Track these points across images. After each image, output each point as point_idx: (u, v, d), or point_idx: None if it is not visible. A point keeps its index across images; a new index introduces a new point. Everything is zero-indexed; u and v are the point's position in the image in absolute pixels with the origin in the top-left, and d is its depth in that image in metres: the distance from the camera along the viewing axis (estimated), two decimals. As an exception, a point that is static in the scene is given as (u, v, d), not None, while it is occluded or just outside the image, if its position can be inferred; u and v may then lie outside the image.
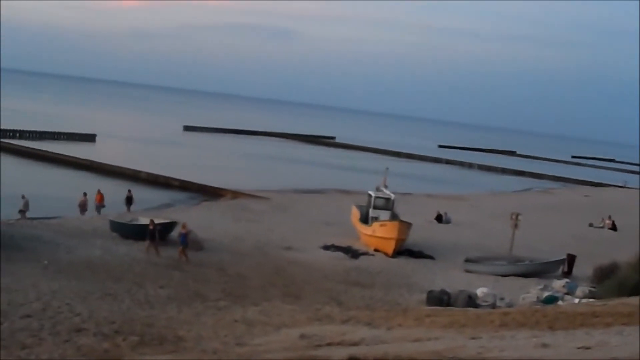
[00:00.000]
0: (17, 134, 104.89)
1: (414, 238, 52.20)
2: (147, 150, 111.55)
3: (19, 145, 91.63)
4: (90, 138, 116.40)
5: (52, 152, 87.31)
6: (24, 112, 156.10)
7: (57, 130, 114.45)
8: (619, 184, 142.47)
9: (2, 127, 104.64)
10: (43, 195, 58.15)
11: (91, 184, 64.95)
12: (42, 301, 29.12)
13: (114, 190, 58.68)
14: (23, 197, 50.25)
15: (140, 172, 78.82)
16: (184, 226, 41.59)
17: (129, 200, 56.35)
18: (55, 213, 51.83)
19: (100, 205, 54.41)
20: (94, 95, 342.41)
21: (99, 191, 55.27)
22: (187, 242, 40.94)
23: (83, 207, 53.04)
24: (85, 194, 53.78)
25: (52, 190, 59.71)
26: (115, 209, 54.77)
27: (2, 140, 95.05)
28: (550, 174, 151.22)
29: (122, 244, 42.01)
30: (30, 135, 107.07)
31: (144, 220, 45.35)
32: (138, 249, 40.84)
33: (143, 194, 67.46)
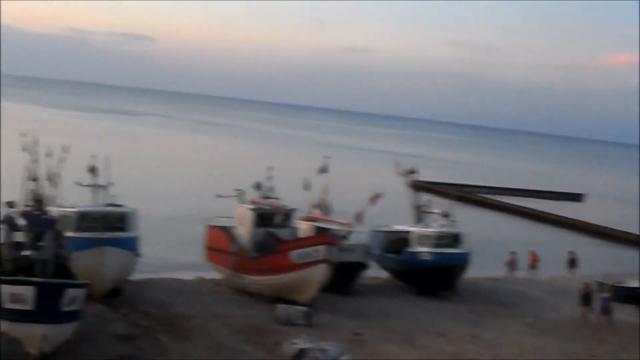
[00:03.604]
0: (505, 192, 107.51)
1: None
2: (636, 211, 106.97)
3: (504, 203, 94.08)
4: (576, 197, 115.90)
5: (537, 210, 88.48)
6: (506, 169, 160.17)
7: (542, 189, 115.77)
8: None
9: (489, 185, 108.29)
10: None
11: (571, 243, 63.70)
12: (525, 358, 28.86)
13: (594, 251, 56.44)
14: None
15: (629, 233, 75.89)
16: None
17: (572, 263, 53.34)
18: (545, 270, 51.39)
19: (532, 266, 52.20)
20: (578, 154, 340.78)
21: (532, 252, 53.00)
22: (609, 307, 36.98)
23: (511, 265, 50.82)
24: (513, 253, 51.46)
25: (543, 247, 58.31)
26: (555, 271, 52.37)
27: (490, 196, 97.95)
28: None
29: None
30: (516, 192, 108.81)
31: (632, 284, 43.37)
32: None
33: (631, 256, 64.92)
